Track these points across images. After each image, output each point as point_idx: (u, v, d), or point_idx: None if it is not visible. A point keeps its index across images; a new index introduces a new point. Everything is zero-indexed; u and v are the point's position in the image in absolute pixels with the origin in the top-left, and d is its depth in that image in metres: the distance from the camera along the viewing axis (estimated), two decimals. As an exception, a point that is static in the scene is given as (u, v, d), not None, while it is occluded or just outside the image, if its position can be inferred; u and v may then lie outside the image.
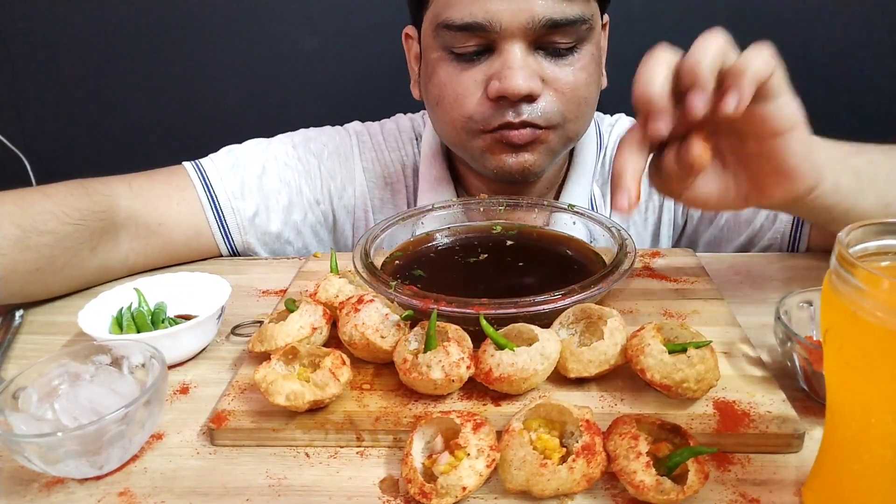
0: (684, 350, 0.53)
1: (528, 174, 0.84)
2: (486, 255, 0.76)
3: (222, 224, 0.91)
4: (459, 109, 0.81)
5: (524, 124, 0.79)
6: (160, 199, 0.87)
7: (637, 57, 0.52)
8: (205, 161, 0.93)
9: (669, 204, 0.96)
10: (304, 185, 0.97)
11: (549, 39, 0.77)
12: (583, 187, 0.96)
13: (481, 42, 0.78)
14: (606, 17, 0.89)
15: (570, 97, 0.80)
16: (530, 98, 0.78)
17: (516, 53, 0.76)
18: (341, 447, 0.54)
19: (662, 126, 0.52)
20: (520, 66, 0.76)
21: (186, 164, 0.92)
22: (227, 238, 0.92)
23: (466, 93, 0.80)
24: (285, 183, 0.95)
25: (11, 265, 0.72)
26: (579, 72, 0.80)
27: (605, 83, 0.91)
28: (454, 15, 0.76)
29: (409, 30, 0.90)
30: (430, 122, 0.99)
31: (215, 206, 0.90)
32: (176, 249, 0.88)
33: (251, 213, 0.92)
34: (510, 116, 0.78)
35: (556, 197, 0.97)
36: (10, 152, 1.62)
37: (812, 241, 0.86)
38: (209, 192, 0.90)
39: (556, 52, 0.78)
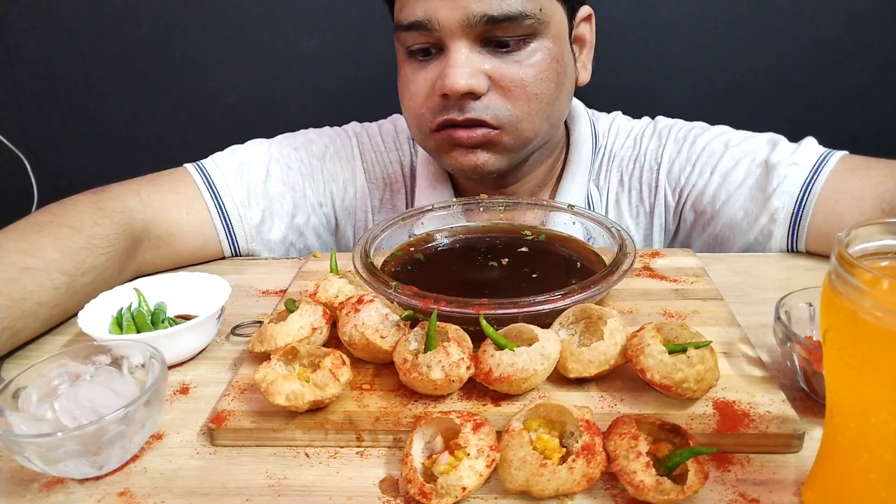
0: (684, 350, 0.53)
1: (483, 172, 0.84)
2: (486, 255, 0.76)
3: (230, 233, 0.91)
4: (415, 108, 0.84)
5: (469, 122, 0.80)
6: (170, 209, 0.87)
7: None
8: (208, 164, 0.92)
9: (660, 209, 0.96)
10: (307, 188, 0.97)
11: (492, 35, 0.78)
12: (579, 185, 0.96)
13: (429, 41, 0.79)
14: (588, 10, 0.88)
15: (517, 94, 0.80)
16: (474, 95, 0.78)
17: (459, 51, 0.77)
18: (341, 447, 0.54)
19: None
20: (460, 65, 0.77)
21: (189, 166, 0.92)
22: (234, 246, 0.92)
23: (419, 91, 0.82)
24: (289, 186, 0.95)
25: (62, 314, 0.72)
26: (528, 67, 0.80)
27: (586, 78, 0.91)
28: (401, 15, 0.80)
29: None
30: None
31: (223, 215, 0.90)
32: (184, 258, 0.89)
33: (257, 221, 0.92)
34: (454, 114, 0.79)
35: (553, 195, 0.98)
36: (10, 152, 1.62)
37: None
38: (217, 200, 0.90)
39: (503, 47, 0.79)
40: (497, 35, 0.77)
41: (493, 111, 0.80)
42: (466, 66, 0.77)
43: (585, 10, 0.88)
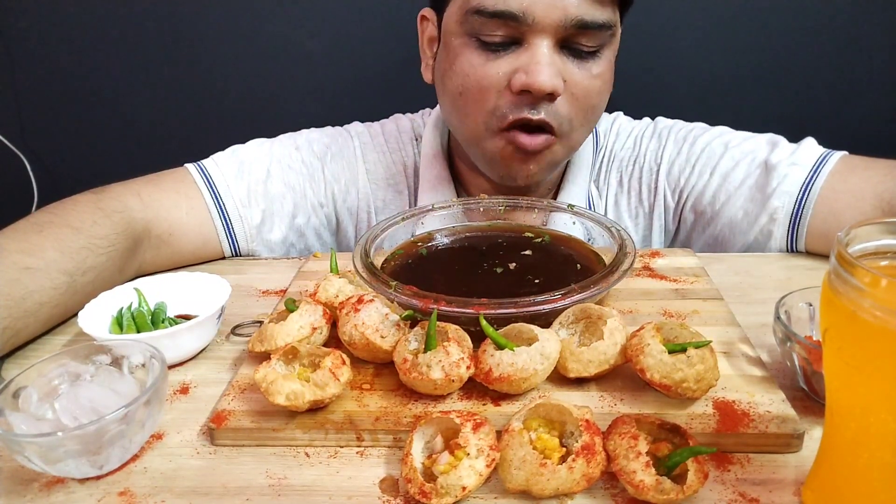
0: (684, 350, 0.53)
1: (532, 183, 0.86)
2: (490, 259, 0.76)
3: (230, 233, 0.91)
4: (482, 102, 0.80)
5: (542, 123, 0.79)
6: (171, 209, 0.86)
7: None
8: (208, 164, 0.92)
9: (660, 210, 0.96)
10: (308, 189, 0.97)
11: (575, 40, 0.77)
12: (580, 187, 0.96)
13: (510, 33, 0.77)
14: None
15: (582, 103, 0.80)
16: (552, 97, 0.78)
17: (544, 49, 0.76)
18: (341, 447, 0.54)
19: None
20: (548, 63, 0.76)
21: (190, 166, 0.92)
22: (234, 246, 0.92)
23: (490, 84, 0.79)
24: (290, 187, 0.95)
25: (62, 313, 0.72)
26: (595, 78, 0.80)
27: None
28: (487, 1, 0.76)
29: (427, 12, 0.89)
30: (429, 123, 0.99)
31: (223, 215, 0.90)
32: (183, 258, 0.89)
33: (258, 221, 0.92)
34: (530, 113, 0.78)
35: (555, 197, 0.97)
36: (10, 152, 1.62)
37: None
38: (217, 200, 0.90)
39: (579, 54, 0.78)
40: (579, 41, 0.77)
41: (559, 117, 0.79)
42: (553, 65, 0.76)
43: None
